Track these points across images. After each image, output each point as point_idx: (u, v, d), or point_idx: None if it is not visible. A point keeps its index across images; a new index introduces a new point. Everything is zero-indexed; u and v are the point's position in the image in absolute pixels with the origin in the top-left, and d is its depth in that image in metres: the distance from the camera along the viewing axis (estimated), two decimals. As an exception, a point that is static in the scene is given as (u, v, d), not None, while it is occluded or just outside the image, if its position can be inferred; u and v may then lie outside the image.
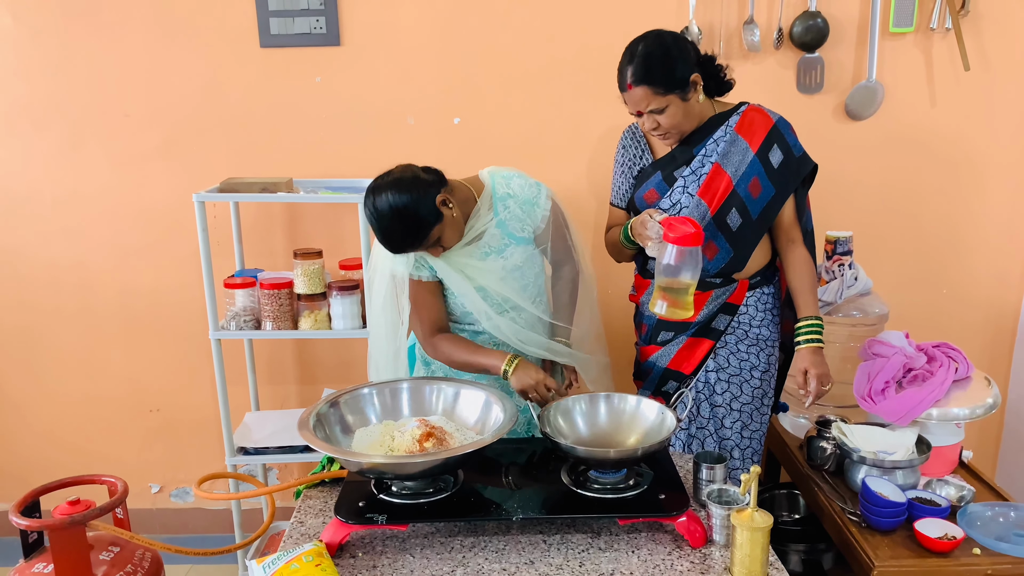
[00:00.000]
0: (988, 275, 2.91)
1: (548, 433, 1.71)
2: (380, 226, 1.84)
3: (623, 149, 2.23)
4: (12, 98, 2.75)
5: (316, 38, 2.68)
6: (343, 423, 1.78)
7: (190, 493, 3.17)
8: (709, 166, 2.09)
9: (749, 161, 2.09)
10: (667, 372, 2.25)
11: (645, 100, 1.99)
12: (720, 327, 2.20)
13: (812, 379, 2.07)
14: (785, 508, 2.63)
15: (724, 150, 2.09)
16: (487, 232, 2.00)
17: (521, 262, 2.06)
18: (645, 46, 1.99)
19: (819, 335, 2.11)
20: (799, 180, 2.15)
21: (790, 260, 2.19)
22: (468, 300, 2.02)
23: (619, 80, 2.02)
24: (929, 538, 1.81)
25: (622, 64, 2.01)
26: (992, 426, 3.06)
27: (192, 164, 2.80)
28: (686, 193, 2.11)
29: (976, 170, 2.80)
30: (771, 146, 2.10)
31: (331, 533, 1.59)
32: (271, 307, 2.56)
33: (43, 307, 2.94)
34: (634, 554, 1.58)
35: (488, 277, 2.01)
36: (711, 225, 2.10)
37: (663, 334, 2.24)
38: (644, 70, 1.96)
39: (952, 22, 2.62)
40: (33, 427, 3.08)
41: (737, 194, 2.09)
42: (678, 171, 2.12)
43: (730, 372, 2.22)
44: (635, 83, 1.97)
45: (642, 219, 2.03)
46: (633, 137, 2.21)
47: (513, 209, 2.04)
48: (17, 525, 1.83)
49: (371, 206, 1.84)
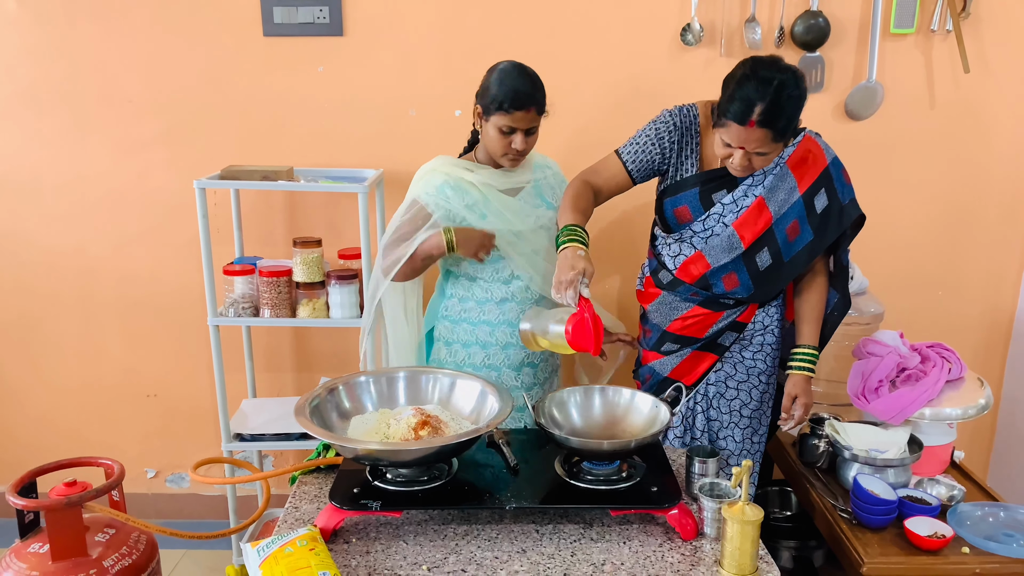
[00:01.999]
0: (983, 277, 2.93)
1: (543, 424, 1.72)
2: (524, 68, 2.04)
3: (673, 127, 2.02)
4: (15, 83, 2.75)
5: (319, 28, 2.68)
6: (340, 410, 1.79)
7: (186, 479, 3.18)
8: (752, 199, 1.99)
9: (793, 202, 1.98)
10: (666, 381, 2.22)
11: (758, 143, 1.81)
12: (726, 343, 2.18)
13: (799, 407, 2.08)
14: (777, 505, 2.65)
15: (772, 184, 1.98)
16: (526, 188, 2.17)
17: (550, 224, 2.18)
18: (782, 89, 1.77)
19: (814, 365, 2.10)
20: (840, 230, 2.05)
21: (804, 285, 2.12)
22: (503, 235, 2.10)
23: (734, 110, 1.80)
24: (919, 536, 1.83)
25: (747, 94, 1.78)
26: (984, 427, 3.08)
27: (194, 151, 2.80)
28: (721, 222, 2.01)
29: (973, 172, 2.81)
30: (819, 189, 2.00)
31: (326, 518, 1.60)
32: (269, 295, 2.57)
33: (42, 292, 2.95)
34: (625, 545, 1.60)
35: (525, 222, 2.13)
36: (738, 259, 2.03)
37: (668, 345, 2.21)
38: (774, 115, 1.78)
39: (953, 24, 2.63)
40: (30, 412, 3.09)
41: (773, 234, 2.00)
42: (717, 194, 2.01)
43: (738, 380, 2.20)
44: (760, 124, 1.78)
45: (568, 279, 1.78)
46: (688, 129, 2.03)
47: (549, 178, 2.24)
48: (14, 505, 1.83)
49: (510, 62, 2.05)
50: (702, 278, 2.07)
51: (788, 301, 2.21)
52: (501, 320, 2.17)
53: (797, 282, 2.15)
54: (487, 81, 2.05)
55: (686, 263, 2.08)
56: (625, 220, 2.80)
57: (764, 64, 1.81)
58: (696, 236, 2.05)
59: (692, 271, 2.08)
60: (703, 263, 2.05)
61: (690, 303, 2.13)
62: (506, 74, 2.02)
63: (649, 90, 2.72)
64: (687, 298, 2.13)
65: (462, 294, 2.20)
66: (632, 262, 2.60)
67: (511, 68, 2.03)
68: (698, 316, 2.13)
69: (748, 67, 1.82)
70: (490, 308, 2.17)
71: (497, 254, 2.12)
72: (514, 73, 2.02)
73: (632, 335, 2.31)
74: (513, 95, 1.98)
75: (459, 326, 2.20)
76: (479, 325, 2.18)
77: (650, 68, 2.71)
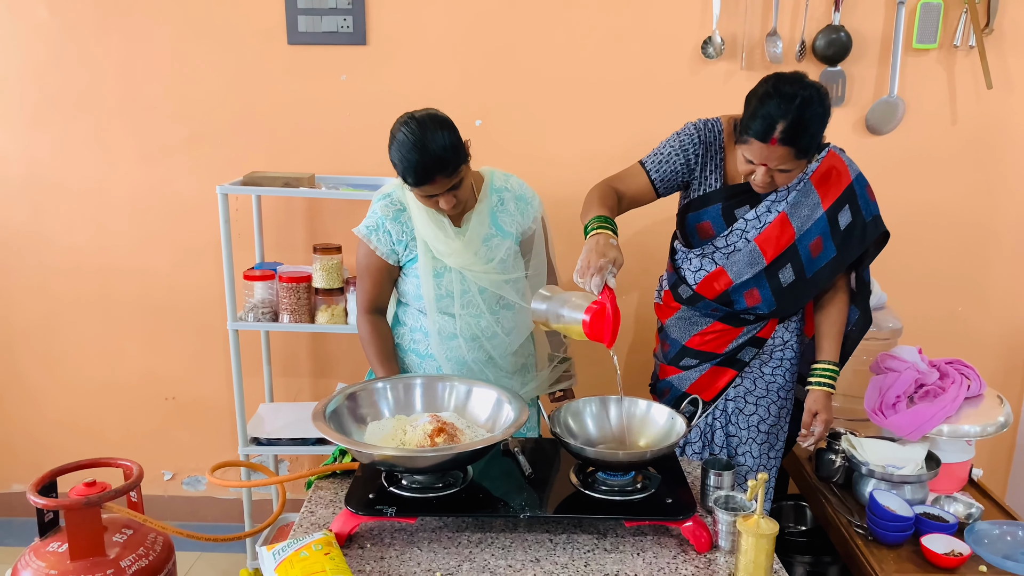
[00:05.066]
0: (1004, 294, 2.90)
1: (558, 434, 1.72)
2: (421, 136, 1.81)
3: (697, 140, 1.99)
4: (43, 89, 2.80)
5: (343, 37, 2.71)
6: (356, 416, 1.80)
7: (202, 481, 3.20)
8: (775, 215, 1.97)
9: (817, 218, 1.97)
10: (685, 396, 2.19)
11: (780, 160, 1.80)
12: (745, 359, 2.16)
13: (819, 423, 2.06)
14: (792, 520, 2.63)
15: (795, 200, 1.97)
16: (475, 219, 2.02)
17: (505, 256, 2.06)
18: (805, 106, 1.75)
19: (834, 381, 2.07)
20: (864, 246, 2.03)
21: (825, 301, 2.10)
22: (426, 285, 2.00)
23: (756, 127, 1.78)
24: (935, 554, 1.81)
25: (769, 111, 1.76)
26: (1004, 445, 3.04)
27: (217, 157, 2.84)
28: (743, 238, 2.00)
29: (995, 189, 2.80)
30: (843, 206, 1.98)
31: (341, 523, 1.61)
32: (289, 300, 2.59)
33: (64, 294, 2.99)
34: (639, 556, 1.59)
35: (461, 258, 1.99)
36: (760, 275, 2.01)
37: (687, 360, 2.19)
38: (796, 132, 1.76)
39: (976, 40, 2.62)
40: (50, 412, 3.12)
41: (796, 250, 1.98)
42: (740, 210, 1.99)
43: (757, 395, 2.19)
44: (782, 142, 1.76)
45: (594, 258, 1.72)
46: (713, 144, 2.00)
47: (507, 203, 2.09)
48: (34, 504, 1.85)
49: (408, 121, 1.84)
50: (724, 294, 2.06)
51: (808, 316, 2.19)
52: (447, 357, 2.07)
53: (818, 298, 2.13)
54: (389, 149, 1.87)
55: (708, 278, 2.07)
56: (644, 232, 2.81)
57: (787, 81, 1.80)
58: (718, 252, 2.04)
59: (714, 286, 2.07)
60: (725, 279, 2.05)
61: (710, 318, 2.13)
62: (403, 146, 1.83)
63: (669, 103, 2.72)
64: (707, 313, 2.13)
65: (412, 324, 2.13)
66: (650, 276, 2.59)
67: (406, 139, 1.82)
68: (718, 331, 2.13)
69: (771, 84, 1.81)
70: (435, 343, 2.07)
71: (448, 288, 2.03)
72: (408, 144, 1.82)
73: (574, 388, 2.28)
74: (413, 172, 1.84)
75: (407, 356, 2.15)
76: (426, 359, 2.12)
77: (671, 81, 2.72)
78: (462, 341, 2.05)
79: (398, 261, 2.04)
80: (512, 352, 2.13)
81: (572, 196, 2.77)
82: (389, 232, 2.01)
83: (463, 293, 2.03)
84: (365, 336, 2.06)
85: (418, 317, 2.09)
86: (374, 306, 2.08)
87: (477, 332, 2.06)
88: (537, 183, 2.44)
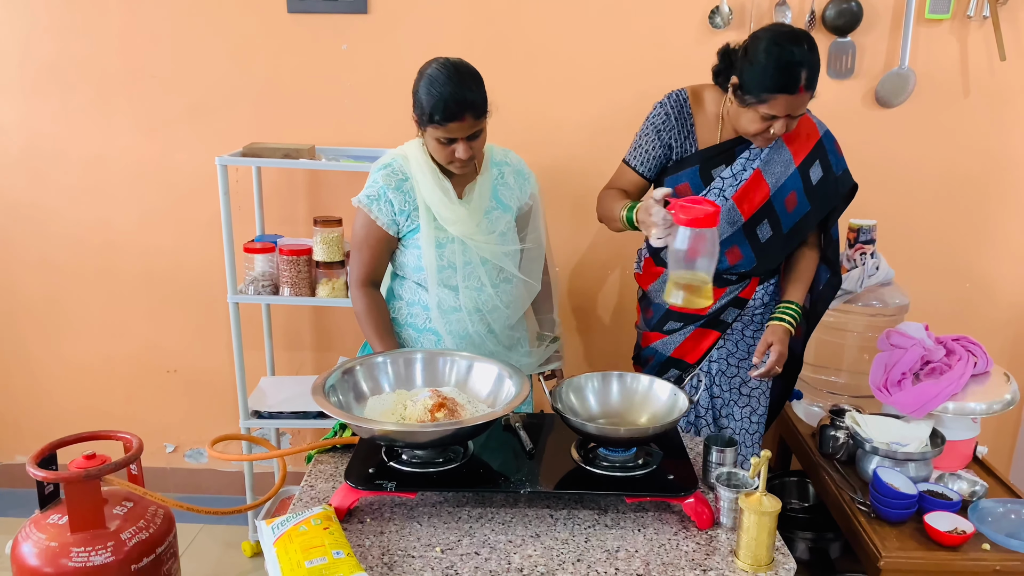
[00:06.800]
0: (1012, 270, 2.87)
1: (559, 409, 1.71)
2: (456, 72, 1.83)
3: (666, 117, 2.04)
4: (41, 58, 2.76)
5: (343, 5, 2.67)
6: (357, 390, 1.79)
7: (204, 454, 3.21)
8: (750, 171, 2.01)
9: (790, 174, 2.02)
10: (670, 360, 2.24)
11: (802, 105, 1.84)
12: (728, 319, 2.18)
13: (774, 353, 2.01)
14: (795, 496, 2.63)
15: (767, 157, 2.01)
16: (477, 190, 2.01)
17: (505, 229, 2.06)
18: (812, 49, 1.82)
19: (796, 321, 2.07)
20: (837, 199, 2.09)
21: (796, 256, 2.14)
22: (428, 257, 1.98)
23: (781, 81, 1.80)
24: (938, 531, 1.81)
25: (791, 61, 1.79)
26: (1009, 422, 3.03)
27: (216, 128, 2.81)
28: (721, 196, 2.03)
29: (1007, 163, 2.75)
30: (813, 161, 2.04)
31: (340, 498, 1.60)
32: (289, 273, 2.58)
33: (66, 266, 2.98)
34: (640, 532, 1.59)
35: (464, 227, 1.98)
36: (739, 232, 2.05)
37: (671, 323, 2.22)
38: (815, 74, 1.81)
39: (990, 10, 2.56)
40: (53, 385, 3.12)
41: (772, 206, 2.03)
42: (716, 170, 2.03)
43: (739, 357, 2.22)
44: (807, 88, 1.81)
45: (645, 206, 1.78)
46: (681, 113, 2.05)
47: (507, 176, 2.08)
48: (34, 476, 1.86)
49: (442, 60, 1.86)
50: None
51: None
52: (448, 331, 2.04)
53: (789, 255, 2.16)
54: (417, 89, 1.87)
55: None
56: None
57: (782, 31, 1.84)
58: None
59: None
60: None
61: None
62: (435, 83, 1.82)
63: (676, 74, 2.66)
64: None
65: (409, 297, 2.09)
66: (629, 250, 2.57)
67: (439, 73, 1.83)
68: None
69: (771, 38, 1.83)
70: (436, 316, 2.04)
71: (451, 259, 2.00)
72: (442, 78, 1.82)
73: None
74: (443, 106, 1.81)
75: (403, 331, 2.11)
76: (424, 333, 2.08)
77: (677, 52, 2.67)
78: (465, 314, 2.03)
79: (398, 232, 2.01)
80: (510, 326, 2.13)
81: (576, 168, 2.76)
82: (391, 201, 1.96)
83: (465, 264, 2.00)
84: (361, 309, 2.03)
85: (415, 291, 2.06)
86: (371, 279, 2.05)
87: (479, 304, 2.04)
88: (541, 154, 2.42)
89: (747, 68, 1.85)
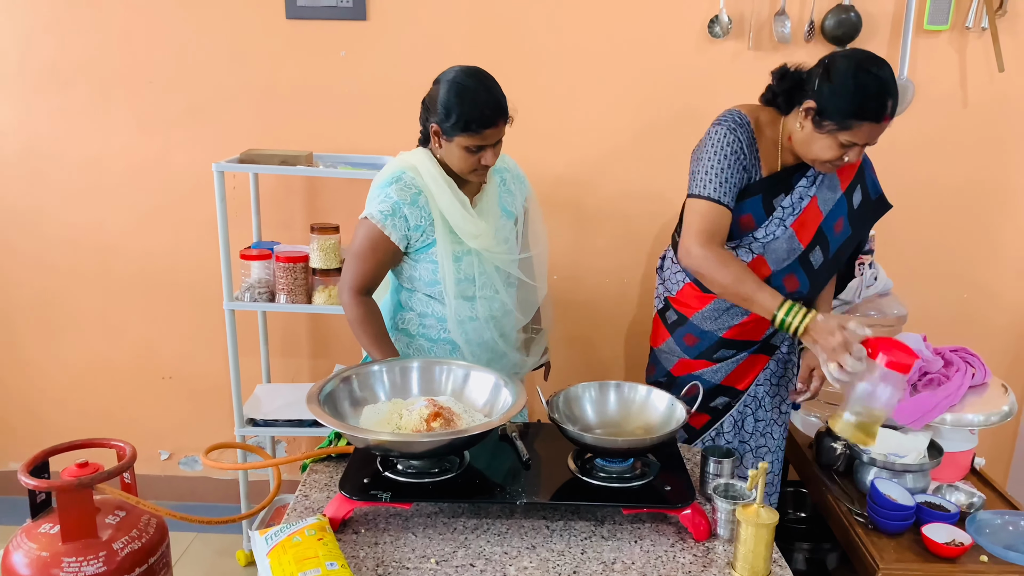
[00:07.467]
0: (1010, 281, 2.87)
1: (556, 419, 1.70)
2: (485, 81, 1.86)
3: (743, 147, 1.91)
4: (39, 59, 2.76)
5: (342, 11, 2.67)
6: (352, 399, 1.78)
7: (199, 461, 3.19)
8: (807, 200, 1.97)
9: (837, 200, 2.00)
10: (719, 388, 2.17)
11: (881, 133, 1.80)
12: (776, 342, 2.18)
13: (817, 378, 2.03)
14: (792, 506, 2.62)
15: (820, 184, 1.98)
16: (487, 200, 2.01)
17: (510, 235, 2.06)
18: (893, 76, 1.78)
19: None
20: (873, 221, 2.09)
21: None
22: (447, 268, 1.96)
23: (871, 109, 1.75)
24: (936, 543, 1.79)
25: (881, 91, 1.75)
26: (1006, 434, 3.02)
27: (214, 133, 2.80)
28: (782, 225, 1.99)
29: (1005, 175, 2.76)
30: (856, 186, 2.02)
31: (335, 508, 1.59)
32: (286, 280, 2.57)
33: (62, 268, 2.96)
34: (637, 544, 1.57)
35: (485, 240, 1.96)
36: (796, 260, 2.02)
37: (723, 351, 2.15)
38: (897, 103, 1.78)
39: (988, 21, 2.57)
40: (47, 388, 3.11)
41: (823, 233, 2.01)
42: (777, 199, 1.98)
43: (780, 375, 2.22)
44: (891, 116, 1.77)
45: (830, 328, 1.71)
46: (749, 140, 1.93)
47: (509, 183, 2.08)
48: (25, 485, 1.84)
49: (467, 70, 1.87)
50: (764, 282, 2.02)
51: None
52: (466, 340, 2.03)
53: None
54: (444, 99, 1.84)
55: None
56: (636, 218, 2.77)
57: (865, 57, 1.78)
58: (756, 242, 2.01)
59: None
60: (764, 267, 2.02)
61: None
62: (467, 90, 1.83)
63: (675, 83, 2.68)
64: None
65: (421, 309, 2.06)
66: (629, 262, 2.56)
67: (470, 82, 1.84)
68: (756, 319, 2.05)
69: (858, 64, 1.77)
70: (453, 326, 2.02)
71: (467, 271, 1.98)
72: (474, 87, 1.83)
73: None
74: (480, 114, 1.81)
75: (416, 341, 2.08)
76: (439, 343, 2.06)
77: (677, 61, 2.67)
78: (481, 322, 2.03)
79: (407, 247, 1.97)
80: (520, 328, 2.16)
81: (575, 175, 2.76)
82: (406, 217, 1.91)
83: (481, 275, 2.00)
84: (357, 317, 1.99)
85: (427, 303, 2.03)
86: (367, 288, 2.02)
87: (493, 312, 2.04)
88: (540, 161, 2.41)
89: (830, 93, 1.78)
